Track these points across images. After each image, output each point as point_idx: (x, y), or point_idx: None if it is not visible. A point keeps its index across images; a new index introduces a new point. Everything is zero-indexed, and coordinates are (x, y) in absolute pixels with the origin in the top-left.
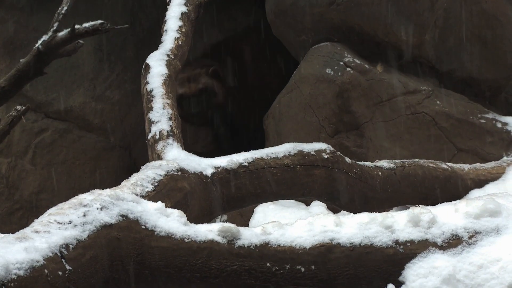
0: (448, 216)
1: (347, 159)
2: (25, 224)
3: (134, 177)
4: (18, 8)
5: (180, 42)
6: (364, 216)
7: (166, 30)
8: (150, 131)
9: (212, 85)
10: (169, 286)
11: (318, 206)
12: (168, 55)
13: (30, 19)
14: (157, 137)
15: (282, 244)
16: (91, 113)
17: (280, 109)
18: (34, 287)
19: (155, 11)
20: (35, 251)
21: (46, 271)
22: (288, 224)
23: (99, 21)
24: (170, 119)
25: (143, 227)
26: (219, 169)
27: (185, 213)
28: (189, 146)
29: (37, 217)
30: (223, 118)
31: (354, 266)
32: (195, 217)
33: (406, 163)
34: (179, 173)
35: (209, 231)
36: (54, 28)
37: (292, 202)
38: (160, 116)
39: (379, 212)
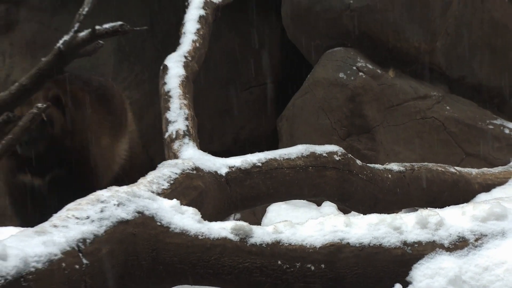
0: (455, 219)
1: (358, 162)
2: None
3: (151, 175)
4: (40, 9)
5: (197, 45)
6: (374, 217)
7: (184, 33)
8: (167, 131)
9: (50, 113)
10: (183, 282)
11: (329, 207)
12: (185, 57)
13: (52, 19)
14: (174, 136)
15: (293, 243)
16: None
17: (293, 111)
18: (51, 280)
19: (173, 14)
20: (53, 245)
21: (63, 264)
22: (300, 223)
23: (119, 23)
24: (186, 119)
25: (158, 223)
26: (233, 169)
27: (199, 211)
28: (205, 146)
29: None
30: (58, 155)
31: (363, 266)
32: (209, 215)
33: (416, 166)
34: (194, 172)
35: (223, 228)
36: (75, 28)
37: (303, 202)
38: (177, 116)
39: (388, 213)
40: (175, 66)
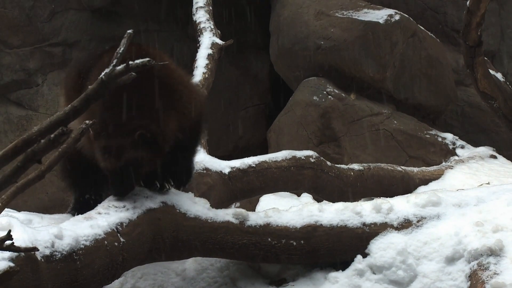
0: (402, 205)
1: (328, 163)
2: None
3: None
4: (88, 49)
5: (206, 76)
6: (340, 205)
7: (196, 67)
8: None
9: (138, 157)
10: (196, 255)
11: (306, 197)
12: (197, 85)
13: None
14: None
15: (280, 224)
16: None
17: (279, 125)
18: (96, 254)
19: (189, 52)
20: (98, 227)
21: (105, 242)
22: (284, 210)
23: (147, 59)
24: None
25: (178, 210)
26: (234, 169)
27: (208, 201)
28: (213, 152)
29: None
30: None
31: (333, 241)
32: (215, 204)
33: (371, 166)
34: (205, 171)
35: (226, 214)
36: (114, 63)
37: (287, 194)
38: None
39: (351, 202)
40: None
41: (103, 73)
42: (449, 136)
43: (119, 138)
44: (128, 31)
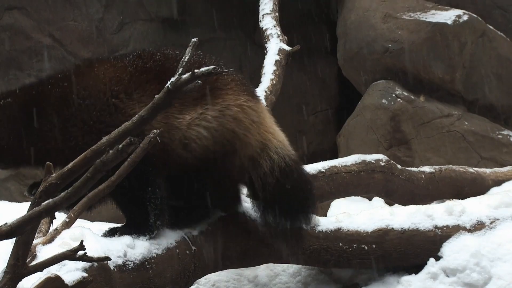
0: (474, 207)
1: (399, 166)
2: None
3: None
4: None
5: (274, 82)
6: (412, 208)
7: (264, 73)
8: None
9: None
10: (267, 261)
11: (377, 201)
12: (265, 91)
13: None
14: None
15: (351, 229)
16: None
17: (349, 129)
18: (168, 263)
19: (256, 59)
20: (169, 236)
21: (177, 250)
22: (355, 214)
23: (212, 67)
24: None
25: (248, 217)
26: None
27: None
28: None
29: None
30: None
31: (404, 245)
32: None
33: (443, 168)
34: None
35: None
36: (179, 72)
37: (358, 198)
38: None
39: (422, 205)
40: None
41: (169, 82)
42: None
43: None
44: (193, 40)
